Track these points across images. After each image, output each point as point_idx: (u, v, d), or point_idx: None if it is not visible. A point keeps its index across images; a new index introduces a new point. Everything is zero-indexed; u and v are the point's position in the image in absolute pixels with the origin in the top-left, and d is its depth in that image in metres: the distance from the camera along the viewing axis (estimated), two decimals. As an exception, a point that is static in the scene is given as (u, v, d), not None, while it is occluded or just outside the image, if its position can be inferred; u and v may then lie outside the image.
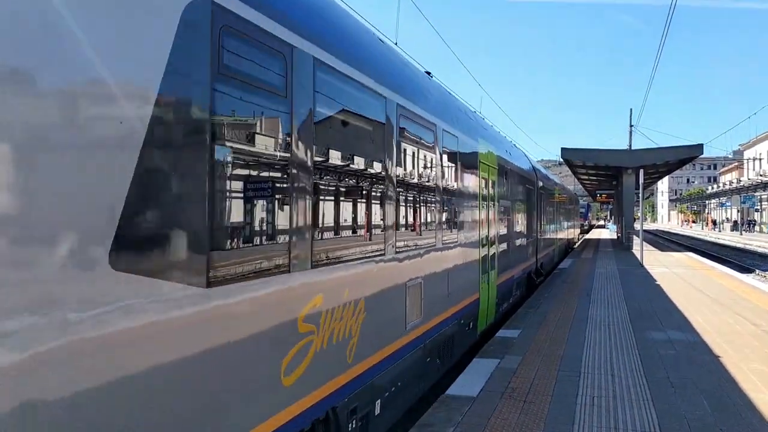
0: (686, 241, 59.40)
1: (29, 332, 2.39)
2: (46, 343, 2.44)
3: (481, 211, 10.89)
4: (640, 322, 11.72)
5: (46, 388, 2.46)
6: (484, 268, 11.00)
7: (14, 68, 2.35)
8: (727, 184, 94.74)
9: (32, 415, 2.40)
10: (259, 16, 3.86)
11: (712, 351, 9.31)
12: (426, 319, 7.51)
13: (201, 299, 3.30)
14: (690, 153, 32.82)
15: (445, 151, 8.53)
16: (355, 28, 6.20)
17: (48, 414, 2.47)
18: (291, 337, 4.31)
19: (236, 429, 3.68)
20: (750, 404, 6.75)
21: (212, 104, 3.36)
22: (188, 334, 3.24)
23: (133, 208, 2.82)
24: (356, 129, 5.67)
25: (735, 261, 34.74)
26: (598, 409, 6.61)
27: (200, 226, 3.28)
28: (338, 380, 5.10)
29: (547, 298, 15.17)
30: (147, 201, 2.93)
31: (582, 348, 9.52)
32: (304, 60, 4.44)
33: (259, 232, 4.01)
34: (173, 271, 3.09)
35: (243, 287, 3.71)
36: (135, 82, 2.88)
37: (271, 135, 4.12)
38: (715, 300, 14.74)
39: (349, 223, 5.50)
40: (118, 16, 2.81)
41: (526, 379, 7.77)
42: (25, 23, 2.38)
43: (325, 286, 4.81)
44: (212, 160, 3.37)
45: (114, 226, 2.73)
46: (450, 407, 6.62)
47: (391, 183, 6.36)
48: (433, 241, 7.85)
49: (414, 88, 7.54)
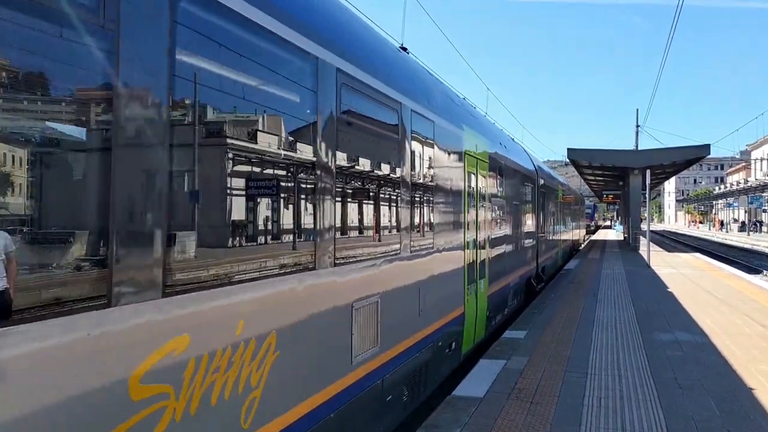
0: (693, 241, 59.14)
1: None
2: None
3: (468, 212, 9.35)
4: (647, 323, 11.68)
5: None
6: (471, 277, 9.47)
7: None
8: (734, 184, 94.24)
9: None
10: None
11: (720, 352, 9.28)
12: (385, 347, 6.00)
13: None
14: (697, 153, 32.72)
15: (416, 137, 7.03)
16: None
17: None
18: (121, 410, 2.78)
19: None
20: (758, 405, 6.72)
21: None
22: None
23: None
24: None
25: (743, 262, 34.56)
26: (605, 410, 6.60)
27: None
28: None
29: (554, 298, 15.14)
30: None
31: (589, 349, 9.50)
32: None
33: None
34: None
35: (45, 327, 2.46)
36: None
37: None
38: (723, 301, 14.67)
39: (250, 224, 4.01)
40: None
41: (533, 380, 7.76)
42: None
43: (192, 322, 3.23)
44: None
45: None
46: (457, 408, 6.62)
47: (328, 172, 4.78)
48: (398, 247, 6.43)
49: (366, 52, 5.96)
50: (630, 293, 16.17)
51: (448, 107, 8.90)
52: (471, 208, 9.61)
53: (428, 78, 8.76)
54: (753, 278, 20.74)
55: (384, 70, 6.29)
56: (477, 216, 9.96)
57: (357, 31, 6.05)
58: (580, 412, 6.54)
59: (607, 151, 35.27)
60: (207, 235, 3.54)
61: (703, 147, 31.95)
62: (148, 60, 2.98)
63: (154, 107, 3.00)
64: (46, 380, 2.44)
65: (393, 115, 6.36)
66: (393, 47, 7.69)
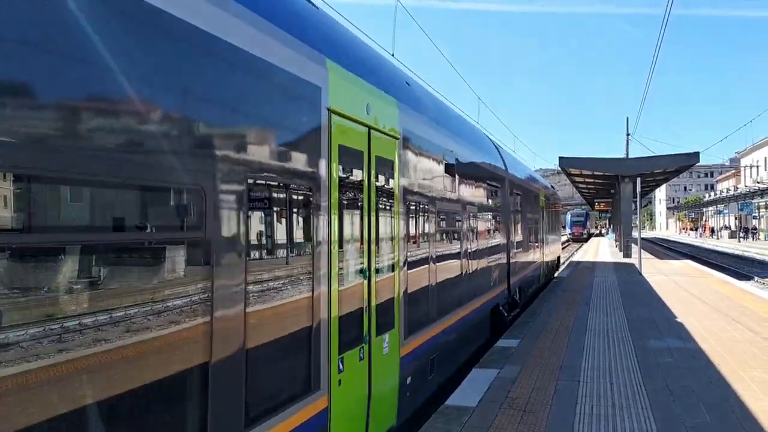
0: (685, 248, 59.44)
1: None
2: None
3: (334, 219, 5.11)
4: (639, 331, 11.71)
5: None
6: (351, 332, 5.36)
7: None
8: (724, 191, 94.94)
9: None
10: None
11: (711, 359, 9.31)
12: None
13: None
14: (686, 161, 33.00)
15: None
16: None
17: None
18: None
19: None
20: (749, 412, 6.74)
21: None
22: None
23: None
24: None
25: (733, 268, 34.77)
26: (597, 418, 6.60)
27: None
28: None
29: (546, 307, 15.16)
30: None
31: (581, 357, 9.51)
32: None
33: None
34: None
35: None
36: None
37: None
38: (714, 308, 14.74)
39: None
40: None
41: (525, 388, 7.76)
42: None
43: None
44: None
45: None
46: (449, 418, 6.61)
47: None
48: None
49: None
50: (622, 301, 16.22)
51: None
52: (350, 213, 5.50)
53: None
54: (743, 284, 20.86)
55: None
56: (370, 224, 5.86)
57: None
58: (573, 420, 6.54)
59: (598, 160, 35.49)
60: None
61: (692, 155, 32.23)
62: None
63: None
64: None
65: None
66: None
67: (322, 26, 5.70)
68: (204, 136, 3.47)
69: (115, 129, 2.89)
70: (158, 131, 3.10)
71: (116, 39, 2.89)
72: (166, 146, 3.16)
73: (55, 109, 2.59)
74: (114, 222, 2.98)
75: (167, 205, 3.35)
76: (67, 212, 2.79)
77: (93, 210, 2.88)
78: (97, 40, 2.75)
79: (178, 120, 3.28)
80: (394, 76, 7.58)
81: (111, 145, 2.87)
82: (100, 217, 2.94)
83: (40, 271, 2.61)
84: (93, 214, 2.89)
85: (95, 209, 2.89)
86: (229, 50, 3.71)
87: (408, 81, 8.32)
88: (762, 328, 11.88)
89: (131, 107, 2.95)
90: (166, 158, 3.17)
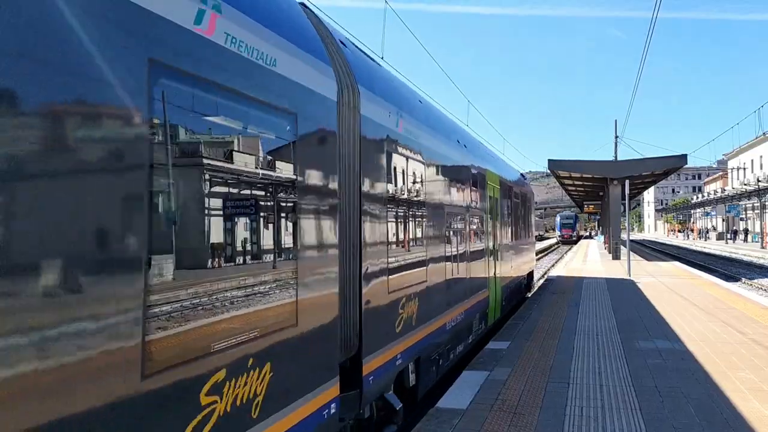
0: (673, 250, 59.87)
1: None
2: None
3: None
4: (628, 332, 11.78)
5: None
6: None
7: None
8: (711, 193, 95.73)
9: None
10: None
11: (699, 360, 9.38)
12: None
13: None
14: (674, 163, 33.26)
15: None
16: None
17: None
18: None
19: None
20: (737, 412, 6.80)
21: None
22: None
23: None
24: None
25: (721, 270, 35.06)
26: (587, 419, 6.64)
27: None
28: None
29: (536, 309, 15.21)
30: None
31: (571, 358, 9.55)
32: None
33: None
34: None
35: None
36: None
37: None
38: (702, 309, 14.85)
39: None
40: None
41: (516, 390, 7.78)
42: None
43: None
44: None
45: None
46: (440, 420, 6.61)
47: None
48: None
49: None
50: (611, 303, 16.31)
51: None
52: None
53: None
54: (731, 286, 21.04)
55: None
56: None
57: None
58: (563, 421, 6.56)
59: (587, 162, 35.71)
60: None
61: (680, 157, 32.50)
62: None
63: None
64: None
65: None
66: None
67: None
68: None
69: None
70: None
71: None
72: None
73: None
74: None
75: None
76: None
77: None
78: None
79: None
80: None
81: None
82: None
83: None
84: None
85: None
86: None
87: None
88: (749, 328, 11.99)
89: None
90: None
